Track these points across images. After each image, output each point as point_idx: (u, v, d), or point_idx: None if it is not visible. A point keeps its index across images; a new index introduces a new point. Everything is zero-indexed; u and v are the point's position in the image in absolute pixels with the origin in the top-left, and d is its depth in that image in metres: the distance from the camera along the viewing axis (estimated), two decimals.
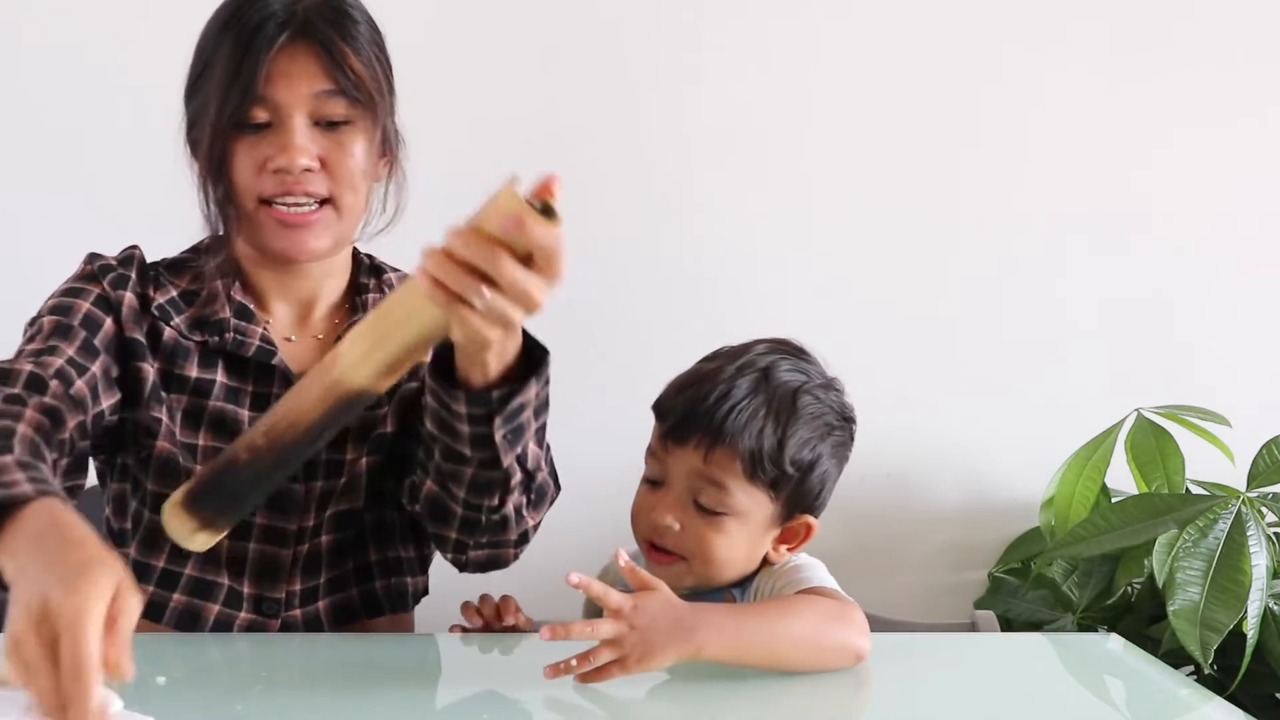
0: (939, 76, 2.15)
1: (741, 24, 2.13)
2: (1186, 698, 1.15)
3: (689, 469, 1.16)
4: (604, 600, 1.01)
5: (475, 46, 2.09)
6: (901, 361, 2.17)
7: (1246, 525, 1.77)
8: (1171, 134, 2.18)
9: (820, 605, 1.11)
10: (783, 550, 1.20)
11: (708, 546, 1.16)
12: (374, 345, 1.00)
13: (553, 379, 1.10)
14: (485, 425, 1.06)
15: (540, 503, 1.21)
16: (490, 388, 1.05)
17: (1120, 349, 2.19)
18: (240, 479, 1.05)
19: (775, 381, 1.17)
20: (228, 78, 1.16)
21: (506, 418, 1.06)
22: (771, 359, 1.19)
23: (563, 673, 1.00)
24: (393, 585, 1.32)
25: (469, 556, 1.21)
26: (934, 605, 2.18)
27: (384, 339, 1.00)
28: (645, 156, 2.13)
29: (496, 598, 1.27)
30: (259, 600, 1.25)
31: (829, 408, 1.20)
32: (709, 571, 1.17)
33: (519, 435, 1.09)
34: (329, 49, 1.18)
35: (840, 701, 1.08)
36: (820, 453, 1.18)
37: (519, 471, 1.13)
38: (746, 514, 1.16)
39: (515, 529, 1.19)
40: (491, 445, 1.08)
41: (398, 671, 1.11)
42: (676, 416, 1.17)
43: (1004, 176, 2.17)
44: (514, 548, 1.22)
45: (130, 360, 1.23)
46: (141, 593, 1.23)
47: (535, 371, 1.06)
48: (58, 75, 2.03)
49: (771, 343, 1.23)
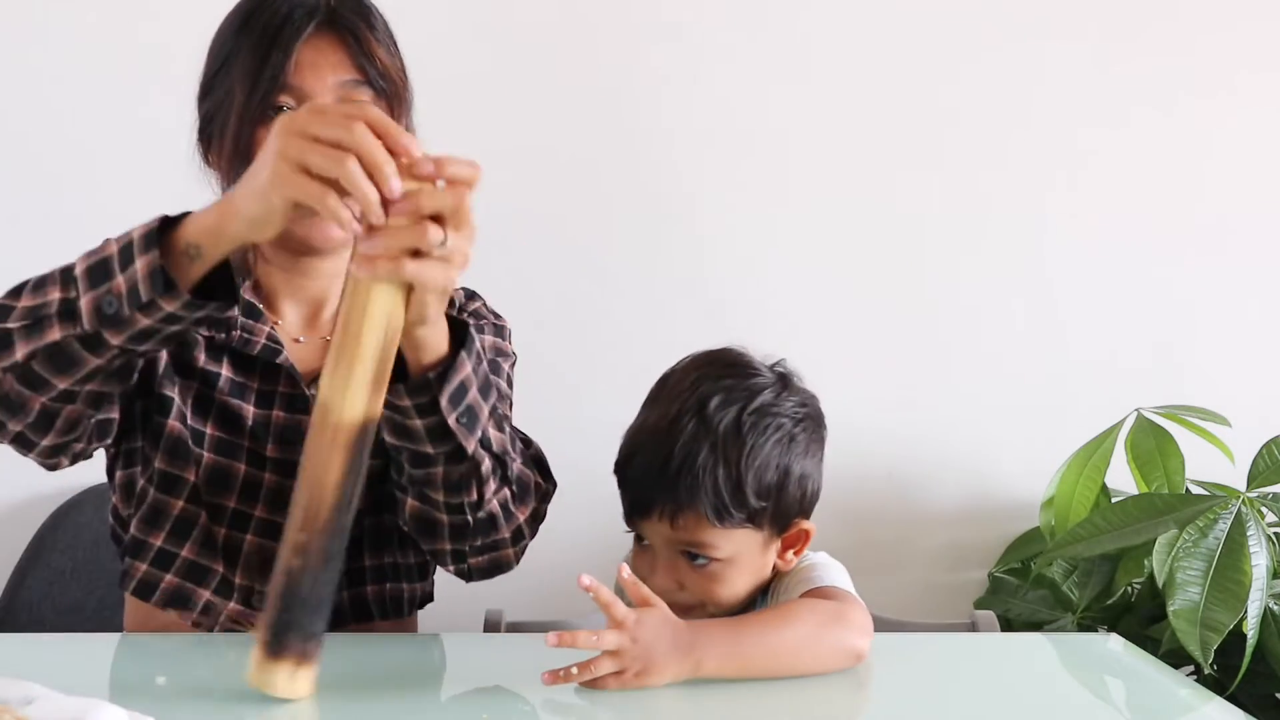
0: (938, 76, 2.15)
1: (742, 23, 2.13)
2: (1186, 698, 1.15)
3: (664, 538, 1.15)
4: (610, 609, 1.02)
5: (476, 45, 2.09)
6: (902, 362, 2.17)
7: (1246, 525, 1.77)
8: (1171, 133, 2.18)
9: (817, 608, 1.11)
10: (790, 556, 1.20)
11: (713, 594, 1.16)
12: (350, 369, 0.94)
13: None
14: (435, 413, 1.05)
15: (525, 495, 1.19)
16: (424, 372, 1.04)
17: (1120, 349, 2.19)
18: (306, 588, 0.96)
19: (712, 420, 1.13)
20: (255, 65, 1.17)
21: (452, 399, 1.05)
22: (702, 394, 1.14)
23: (561, 680, 1.01)
24: (386, 591, 1.31)
25: (470, 564, 1.21)
26: (934, 605, 2.18)
27: (356, 358, 0.94)
28: (646, 157, 2.13)
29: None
30: (249, 592, 1.25)
31: (782, 416, 1.15)
32: (724, 608, 1.17)
33: (473, 418, 1.08)
34: (356, 38, 1.19)
35: (840, 701, 1.08)
36: (787, 464, 1.15)
37: (487, 457, 1.11)
38: (736, 554, 1.15)
39: (507, 526, 1.17)
40: (449, 434, 1.07)
41: (398, 671, 1.11)
42: (633, 493, 1.16)
43: (1004, 176, 2.17)
44: (511, 547, 1.20)
45: None
46: (135, 570, 1.25)
47: (463, 345, 1.05)
48: (61, 74, 2.03)
49: (703, 366, 1.18)
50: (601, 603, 1.02)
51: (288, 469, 1.25)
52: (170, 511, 1.25)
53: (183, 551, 1.24)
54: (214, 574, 1.25)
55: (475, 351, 1.07)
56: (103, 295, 1.00)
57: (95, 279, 1.00)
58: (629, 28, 2.12)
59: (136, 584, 1.26)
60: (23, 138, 2.02)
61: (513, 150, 2.10)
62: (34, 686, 0.88)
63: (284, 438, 1.26)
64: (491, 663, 1.16)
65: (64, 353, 1.04)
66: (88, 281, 1.01)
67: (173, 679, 1.04)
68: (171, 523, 1.25)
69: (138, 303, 0.99)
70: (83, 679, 0.98)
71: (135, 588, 1.26)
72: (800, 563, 1.19)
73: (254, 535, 1.25)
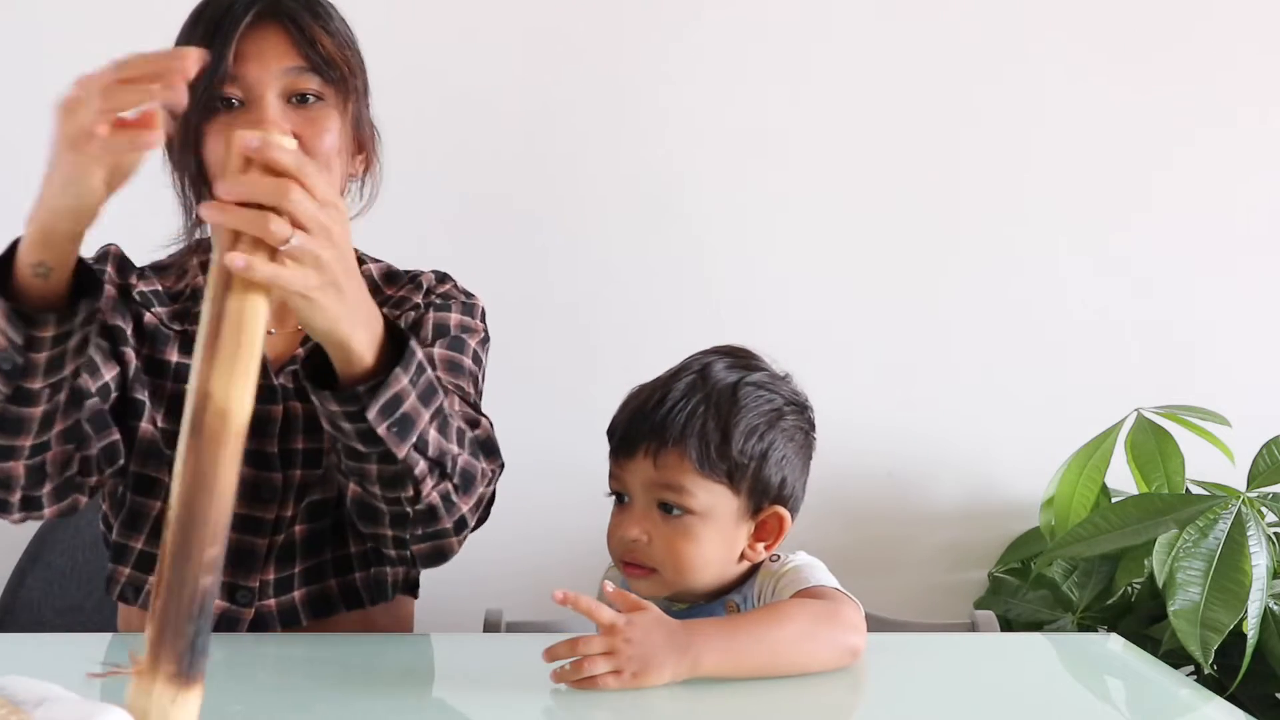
0: (938, 74, 2.15)
1: (741, 23, 2.13)
2: (1186, 698, 1.15)
3: (644, 479, 1.16)
4: (595, 615, 1.03)
5: (476, 45, 2.09)
6: (902, 361, 2.17)
7: (1246, 525, 1.77)
8: (1171, 133, 2.18)
9: (810, 607, 1.11)
10: (760, 549, 1.19)
11: (677, 553, 1.15)
12: (246, 370, 0.84)
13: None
14: (364, 421, 1.03)
15: (469, 487, 1.16)
16: (358, 382, 1.02)
17: (1120, 349, 2.19)
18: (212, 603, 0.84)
19: (713, 379, 1.18)
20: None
21: (382, 411, 1.03)
22: (708, 360, 1.20)
23: (565, 677, 1.02)
24: (372, 575, 1.32)
25: (412, 551, 1.20)
26: (934, 605, 2.18)
27: (247, 357, 0.84)
28: (645, 156, 2.13)
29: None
30: (233, 589, 1.26)
31: (776, 395, 1.19)
32: (683, 579, 1.16)
33: (407, 427, 1.05)
34: (299, 25, 1.19)
35: (840, 701, 1.08)
36: (772, 440, 1.17)
37: (421, 461, 1.09)
38: (709, 511, 1.15)
39: (448, 517, 1.15)
40: (380, 440, 1.05)
41: (396, 672, 1.11)
42: (621, 430, 1.18)
43: (1004, 176, 2.17)
44: (454, 536, 1.18)
45: (115, 346, 1.25)
46: (119, 575, 1.26)
47: (400, 361, 1.03)
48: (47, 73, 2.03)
49: (711, 350, 1.23)
50: (583, 611, 1.02)
51: (259, 460, 1.27)
52: (148, 514, 1.27)
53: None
54: None
55: (416, 364, 1.04)
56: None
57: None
58: (630, 27, 2.12)
59: (121, 588, 1.28)
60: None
61: (513, 150, 2.10)
62: (53, 687, 0.88)
63: (253, 430, 1.26)
64: (491, 663, 1.16)
65: (4, 418, 1.06)
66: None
67: None
68: (150, 524, 1.27)
69: (18, 345, 1.00)
70: (83, 679, 0.98)
71: (120, 592, 1.28)
72: (785, 565, 1.19)
73: (233, 532, 1.24)
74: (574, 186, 2.13)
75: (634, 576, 1.18)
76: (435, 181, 2.04)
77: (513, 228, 2.11)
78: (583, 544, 1.82)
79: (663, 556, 1.16)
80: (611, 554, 1.20)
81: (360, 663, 1.12)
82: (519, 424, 2.10)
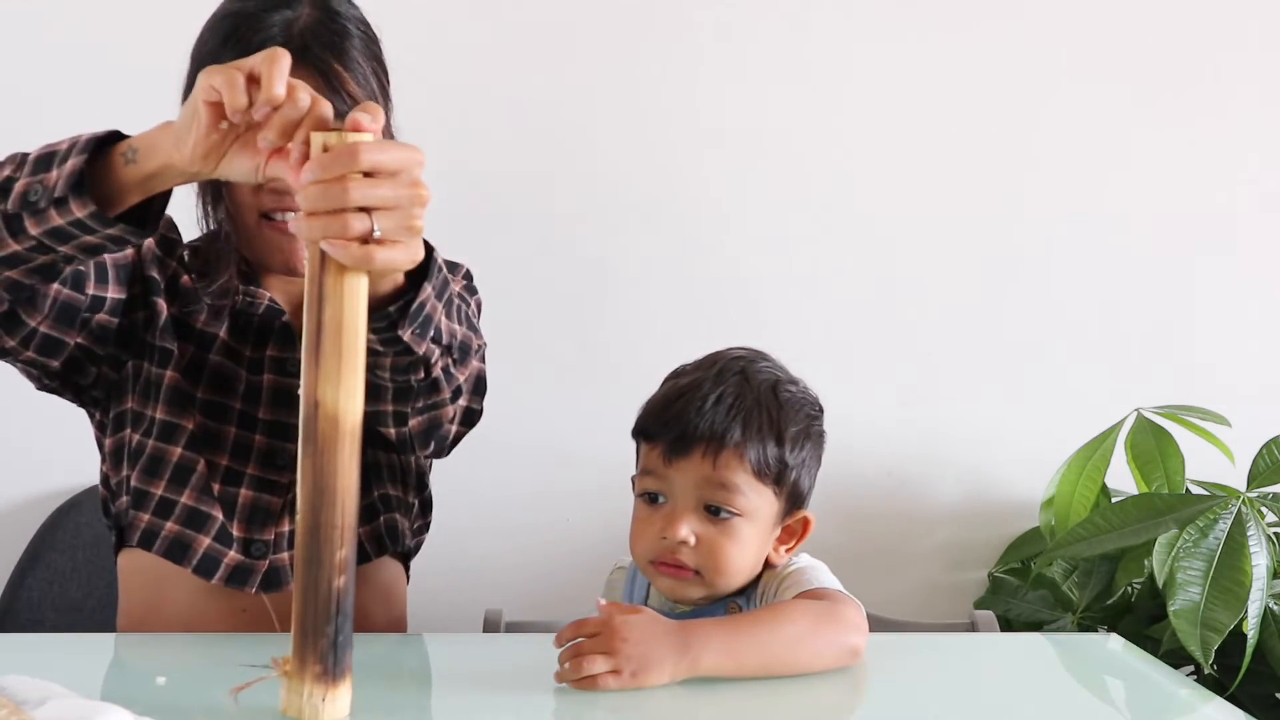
0: (938, 74, 2.15)
1: (742, 22, 2.13)
2: (1186, 698, 1.15)
3: (698, 478, 1.15)
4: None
5: (478, 45, 2.09)
6: (902, 361, 2.17)
7: (1246, 525, 1.77)
8: (1171, 133, 2.18)
9: (811, 607, 1.11)
10: (782, 551, 1.20)
11: (721, 555, 1.15)
12: (353, 372, 0.90)
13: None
14: (391, 332, 1.06)
15: (465, 357, 1.20)
16: (387, 301, 1.04)
17: (1120, 349, 2.19)
18: (350, 600, 0.93)
19: (755, 381, 1.18)
20: None
21: (410, 319, 1.06)
22: (742, 362, 1.20)
23: (565, 677, 1.02)
24: (382, 524, 1.35)
25: (410, 426, 1.22)
26: (934, 605, 2.18)
27: (353, 359, 0.90)
28: (648, 157, 2.13)
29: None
30: (248, 543, 1.29)
31: (805, 399, 1.21)
32: (720, 581, 1.16)
33: (427, 326, 1.09)
34: (325, 74, 1.20)
35: (840, 701, 1.08)
36: (809, 445, 1.19)
37: (437, 350, 1.13)
38: (756, 513, 1.15)
39: (448, 387, 1.19)
40: (402, 343, 1.08)
41: (396, 672, 1.11)
42: (674, 432, 1.16)
43: (1004, 176, 2.17)
44: (450, 404, 1.21)
45: (146, 294, 1.30)
46: (138, 521, 1.27)
47: (425, 273, 1.05)
48: (55, 75, 2.03)
49: (734, 351, 1.24)
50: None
51: (278, 430, 1.31)
52: (169, 459, 1.29)
53: (182, 498, 1.29)
54: (213, 520, 1.29)
55: (435, 267, 1.06)
56: (34, 183, 1.02)
57: (38, 167, 1.03)
58: (629, 28, 2.12)
59: (141, 535, 1.30)
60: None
61: (514, 147, 2.10)
62: (54, 686, 0.88)
63: (276, 401, 1.31)
64: (491, 663, 1.16)
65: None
66: (32, 167, 1.03)
67: (173, 679, 1.04)
68: (171, 470, 1.29)
69: (53, 197, 1.01)
70: (82, 679, 0.98)
71: (139, 538, 1.30)
72: (788, 567, 1.19)
73: (249, 490, 1.30)
74: (577, 182, 2.13)
75: (670, 575, 1.16)
76: (434, 181, 2.04)
77: (514, 221, 2.11)
78: (583, 545, 1.82)
79: (705, 558, 1.15)
80: (638, 554, 1.19)
81: (358, 662, 1.12)
82: (519, 424, 2.11)
